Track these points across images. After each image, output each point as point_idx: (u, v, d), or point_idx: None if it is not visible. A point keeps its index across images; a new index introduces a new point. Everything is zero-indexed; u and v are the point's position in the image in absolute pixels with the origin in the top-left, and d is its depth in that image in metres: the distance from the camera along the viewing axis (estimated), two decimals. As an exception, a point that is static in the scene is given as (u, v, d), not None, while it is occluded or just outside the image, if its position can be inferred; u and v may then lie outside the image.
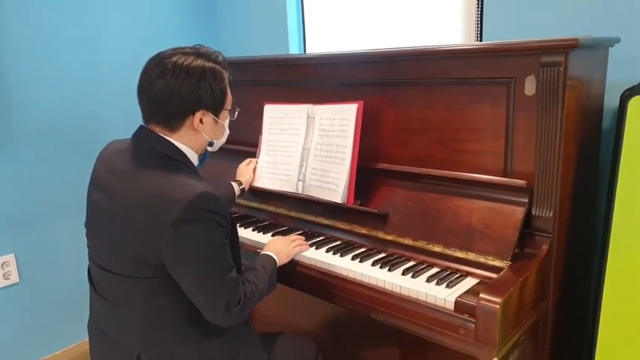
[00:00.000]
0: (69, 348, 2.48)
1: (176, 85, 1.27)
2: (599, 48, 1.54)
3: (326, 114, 1.80)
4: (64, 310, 2.43)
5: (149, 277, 1.25)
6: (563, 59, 1.31)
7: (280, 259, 1.54)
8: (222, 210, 1.26)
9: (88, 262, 1.40)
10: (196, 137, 1.35)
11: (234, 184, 1.90)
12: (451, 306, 1.32)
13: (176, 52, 1.32)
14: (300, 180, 1.86)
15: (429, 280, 1.42)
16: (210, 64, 1.32)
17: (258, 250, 1.69)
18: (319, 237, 1.78)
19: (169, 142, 1.32)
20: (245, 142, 2.13)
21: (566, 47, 1.30)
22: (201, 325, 1.31)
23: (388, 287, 1.44)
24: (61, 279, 2.40)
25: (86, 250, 1.38)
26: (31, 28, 2.16)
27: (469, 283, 1.41)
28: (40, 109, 2.23)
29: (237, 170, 1.99)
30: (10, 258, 2.25)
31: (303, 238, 1.71)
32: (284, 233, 1.83)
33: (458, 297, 1.32)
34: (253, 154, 2.04)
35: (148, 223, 1.21)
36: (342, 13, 2.42)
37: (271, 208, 1.98)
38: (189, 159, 1.35)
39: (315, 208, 1.83)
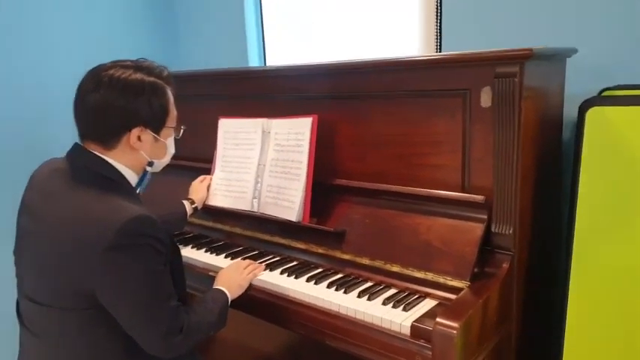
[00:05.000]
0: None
1: (111, 98, 1.18)
2: (556, 58, 1.51)
3: (281, 128, 1.72)
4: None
5: (80, 308, 1.15)
6: (518, 70, 1.26)
7: (233, 293, 1.44)
8: (159, 234, 1.17)
9: (15, 295, 1.28)
10: (134, 156, 1.26)
11: (186, 202, 1.81)
12: (407, 331, 1.24)
13: (115, 64, 1.23)
14: (255, 197, 1.78)
15: (385, 302, 1.35)
16: (152, 79, 1.23)
17: (211, 273, 1.60)
18: (275, 257, 1.69)
19: (105, 160, 1.22)
20: (199, 158, 2.03)
21: (521, 57, 1.25)
22: (143, 358, 1.20)
23: (343, 311, 1.36)
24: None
25: (12, 280, 1.27)
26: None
27: (427, 305, 1.34)
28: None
29: (190, 188, 1.89)
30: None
31: (256, 263, 1.62)
32: (239, 254, 1.73)
33: (414, 321, 1.24)
34: (208, 171, 1.94)
35: (77, 248, 1.11)
36: (303, 26, 2.36)
37: (226, 228, 1.89)
38: (126, 179, 1.25)
39: (271, 226, 1.74)
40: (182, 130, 1.38)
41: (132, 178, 1.27)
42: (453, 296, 1.32)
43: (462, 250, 1.36)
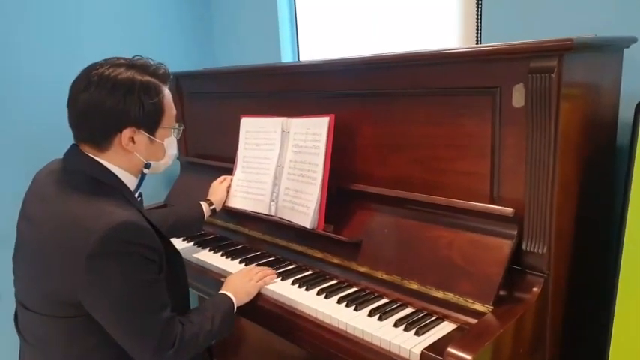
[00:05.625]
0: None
1: (100, 98, 1.11)
2: (608, 50, 1.29)
3: (300, 128, 1.62)
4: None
5: (68, 316, 1.11)
6: (556, 64, 1.08)
7: (240, 299, 1.37)
8: (148, 242, 1.10)
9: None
10: (129, 158, 1.19)
11: (203, 204, 1.74)
12: (417, 359, 1.10)
13: (106, 62, 1.17)
14: (272, 201, 1.68)
15: (397, 323, 1.21)
16: (145, 78, 1.16)
17: (222, 279, 1.52)
18: (290, 265, 1.59)
19: (98, 163, 1.17)
20: (223, 158, 1.97)
21: (560, 49, 1.07)
22: None
23: (350, 331, 1.24)
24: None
25: None
26: (5, 42, 2.06)
27: (444, 329, 1.20)
28: (12, 125, 2.11)
29: (210, 189, 1.83)
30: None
31: (268, 270, 1.52)
32: (255, 259, 1.65)
33: (424, 348, 1.10)
34: (231, 171, 1.87)
35: (62, 255, 1.07)
36: (338, 20, 2.24)
37: (246, 231, 1.81)
38: (122, 182, 1.19)
39: (288, 232, 1.65)
40: (181, 130, 1.29)
41: (129, 180, 1.21)
42: (474, 320, 1.17)
43: (486, 269, 1.19)
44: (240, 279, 1.44)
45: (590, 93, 1.25)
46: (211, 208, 1.75)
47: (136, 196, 1.26)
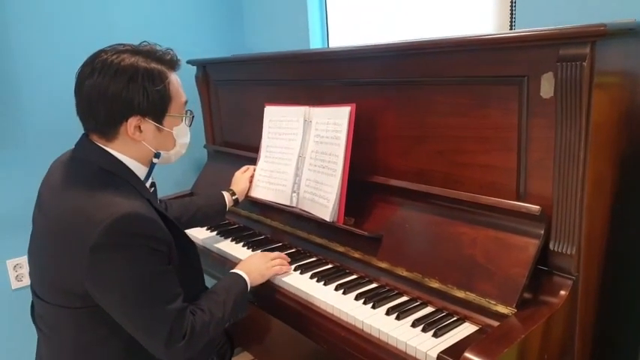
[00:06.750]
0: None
1: (103, 85, 1.09)
2: (651, 35, 1.19)
3: (321, 118, 1.58)
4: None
5: (75, 307, 1.11)
6: (589, 51, 1.00)
7: (253, 280, 1.35)
8: (154, 233, 1.08)
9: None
10: (138, 147, 1.18)
11: (226, 193, 1.73)
12: (432, 362, 1.06)
13: (112, 48, 1.15)
14: (294, 192, 1.66)
15: (415, 324, 1.17)
16: (150, 65, 1.14)
17: (240, 269, 1.52)
18: (310, 258, 1.57)
19: (107, 152, 1.15)
20: (249, 147, 1.95)
21: (592, 35, 0.98)
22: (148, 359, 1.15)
23: (366, 330, 1.21)
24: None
25: None
26: (42, 26, 2.09)
27: (465, 331, 1.15)
28: (49, 109, 2.16)
29: (233, 178, 1.82)
30: (23, 260, 2.23)
31: (288, 259, 1.51)
32: (276, 251, 1.62)
33: (441, 352, 1.06)
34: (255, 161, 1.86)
35: (66, 246, 1.07)
36: (368, 6, 2.16)
37: (268, 221, 1.80)
38: (131, 172, 1.17)
39: (309, 224, 1.62)
40: (192, 118, 1.27)
41: (139, 169, 1.19)
42: (496, 323, 1.12)
43: (510, 269, 1.13)
44: (257, 260, 1.44)
45: (628, 83, 1.16)
46: (234, 197, 1.74)
47: (148, 185, 1.24)
